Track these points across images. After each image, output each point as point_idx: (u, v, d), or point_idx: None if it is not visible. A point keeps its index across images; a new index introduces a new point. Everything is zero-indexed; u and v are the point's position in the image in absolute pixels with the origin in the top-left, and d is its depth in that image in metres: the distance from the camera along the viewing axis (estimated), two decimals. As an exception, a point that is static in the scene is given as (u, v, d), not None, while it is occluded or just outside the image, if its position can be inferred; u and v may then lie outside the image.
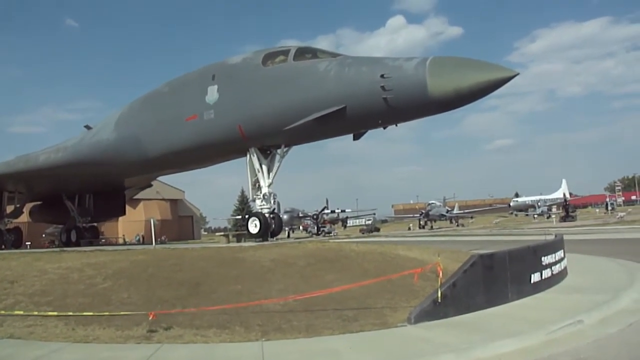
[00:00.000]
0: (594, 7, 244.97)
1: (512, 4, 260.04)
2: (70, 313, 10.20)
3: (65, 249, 22.98)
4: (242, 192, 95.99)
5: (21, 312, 10.40)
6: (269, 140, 18.69)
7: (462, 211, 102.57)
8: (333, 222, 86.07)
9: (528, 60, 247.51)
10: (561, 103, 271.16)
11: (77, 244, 28.70)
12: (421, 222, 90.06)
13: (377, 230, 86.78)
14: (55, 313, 10.26)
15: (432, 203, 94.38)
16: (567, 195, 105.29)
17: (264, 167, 19.08)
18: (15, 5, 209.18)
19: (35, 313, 10.34)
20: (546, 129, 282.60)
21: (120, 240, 57.17)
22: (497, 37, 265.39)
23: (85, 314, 10.11)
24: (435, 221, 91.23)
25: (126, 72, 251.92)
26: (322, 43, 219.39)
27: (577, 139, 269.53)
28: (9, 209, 30.48)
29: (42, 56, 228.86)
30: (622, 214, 72.65)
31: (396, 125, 17.34)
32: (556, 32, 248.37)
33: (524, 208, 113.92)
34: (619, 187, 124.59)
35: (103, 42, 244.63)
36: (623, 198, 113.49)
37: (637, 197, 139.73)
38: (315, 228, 72.66)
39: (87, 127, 26.39)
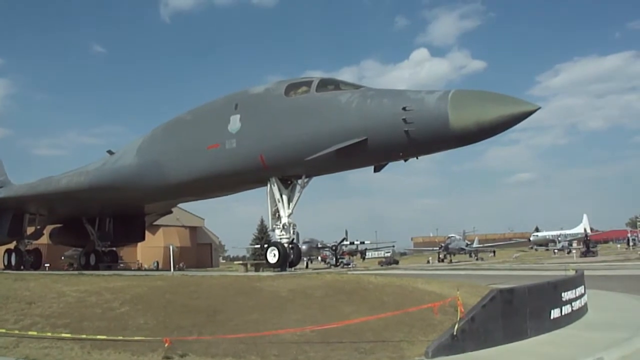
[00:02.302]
0: (616, 41, 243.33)
1: (536, 38, 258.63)
2: (84, 336, 10.22)
3: (83, 272, 23.11)
4: (262, 221, 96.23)
5: (35, 333, 10.44)
6: (290, 170, 18.75)
7: (481, 245, 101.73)
8: (352, 253, 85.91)
9: (550, 94, 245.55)
10: (583, 137, 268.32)
11: (96, 268, 28.89)
12: (440, 256, 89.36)
13: (396, 262, 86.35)
14: (69, 335, 10.28)
15: (452, 236, 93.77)
16: (588, 230, 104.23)
17: (284, 197, 19.09)
18: (44, 29, 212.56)
19: (49, 334, 10.37)
20: (568, 163, 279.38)
21: (137, 266, 57.30)
22: (520, 71, 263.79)
23: (100, 337, 10.12)
24: (454, 255, 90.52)
25: (151, 98, 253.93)
26: (346, 75, 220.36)
27: (599, 174, 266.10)
28: (30, 230, 30.71)
29: (69, 81, 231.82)
30: (644, 250, 71.68)
31: (417, 157, 17.35)
32: (579, 66, 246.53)
33: (544, 243, 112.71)
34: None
35: (129, 68, 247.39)
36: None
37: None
38: (334, 259, 72.51)
39: (110, 152, 26.66)
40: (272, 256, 18.88)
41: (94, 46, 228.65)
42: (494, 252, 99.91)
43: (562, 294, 13.34)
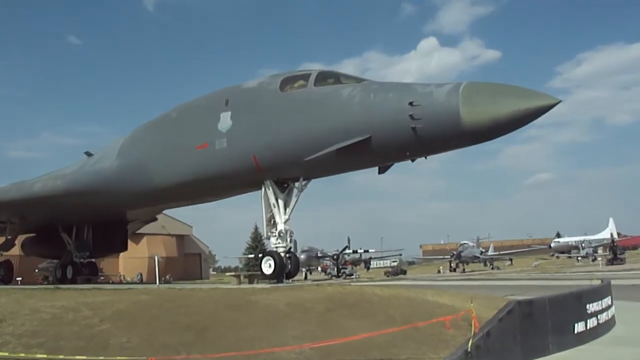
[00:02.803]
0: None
1: (555, 25, 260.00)
2: (61, 357, 10.18)
3: (60, 286, 23.00)
4: (256, 228, 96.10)
5: (6, 354, 10.39)
6: (286, 172, 18.75)
7: (497, 252, 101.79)
8: (355, 263, 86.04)
9: (572, 86, 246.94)
10: (608, 133, 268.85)
11: (73, 281, 28.72)
12: (452, 265, 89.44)
13: (404, 272, 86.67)
14: (44, 356, 10.25)
15: (465, 243, 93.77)
16: (615, 236, 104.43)
17: (280, 202, 19.09)
18: (12, 17, 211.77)
19: (22, 355, 10.33)
20: (592, 161, 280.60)
21: (118, 279, 57.24)
22: (538, 61, 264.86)
23: (78, 358, 10.08)
24: (467, 263, 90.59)
25: (134, 95, 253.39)
26: (348, 67, 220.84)
27: (626, 173, 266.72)
28: (-1, 240, 30.63)
29: (43, 76, 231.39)
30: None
31: (425, 157, 17.35)
32: (603, 55, 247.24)
33: (567, 249, 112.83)
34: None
35: (108, 61, 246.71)
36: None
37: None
38: (335, 269, 72.53)
39: (88, 154, 26.58)
40: (268, 267, 18.85)
41: (69, 37, 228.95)
42: (511, 260, 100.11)
43: (587, 305, 13.33)
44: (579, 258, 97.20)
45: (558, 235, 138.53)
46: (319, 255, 76.76)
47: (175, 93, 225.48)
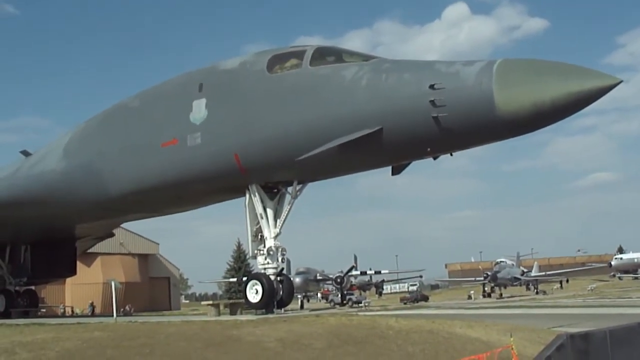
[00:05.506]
0: None
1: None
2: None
3: (-11, 321, 23.04)
4: (239, 245, 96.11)
5: None
6: (276, 174, 18.78)
7: (543, 273, 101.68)
8: (364, 287, 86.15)
9: (639, 62, 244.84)
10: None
11: (7, 315, 28.64)
12: (486, 289, 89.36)
13: (425, 299, 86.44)
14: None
15: (502, 262, 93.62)
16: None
17: (269, 212, 19.11)
18: None
19: None
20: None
21: (67, 311, 57.09)
22: (595, 31, 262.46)
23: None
24: (505, 287, 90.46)
25: (87, 80, 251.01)
26: (354, 41, 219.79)
27: None
28: None
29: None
30: None
31: (451, 154, 17.37)
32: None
33: (632, 268, 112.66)
34: None
35: (55, 37, 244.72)
36: None
37: None
38: (339, 296, 72.40)
39: (25, 153, 26.53)
40: (254, 293, 18.84)
41: (4, 5, 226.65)
42: (562, 282, 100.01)
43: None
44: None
45: (620, 251, 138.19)
46: (319, 278, 76.52)
47: (136, 76, 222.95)
